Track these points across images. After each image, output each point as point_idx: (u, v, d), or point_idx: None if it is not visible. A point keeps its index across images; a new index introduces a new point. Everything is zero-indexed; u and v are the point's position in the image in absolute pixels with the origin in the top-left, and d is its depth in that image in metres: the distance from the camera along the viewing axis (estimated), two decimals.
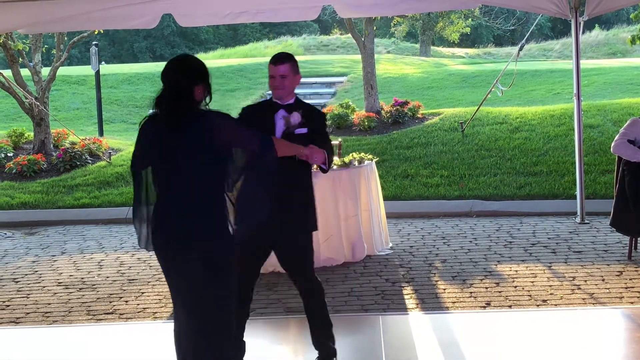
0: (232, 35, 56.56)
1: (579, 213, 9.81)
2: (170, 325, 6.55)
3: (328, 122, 15.40)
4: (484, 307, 6.71)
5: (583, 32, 9.95)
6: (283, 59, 5.24)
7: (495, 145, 13.11)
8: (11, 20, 9.05)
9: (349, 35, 22.60)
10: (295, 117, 5.16)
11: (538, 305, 6.68)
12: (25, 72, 14.84)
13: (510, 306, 6.69)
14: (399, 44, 43.84)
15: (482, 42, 51.68)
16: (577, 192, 9.91)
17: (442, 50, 44.74)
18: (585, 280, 7.28)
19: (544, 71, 25.61)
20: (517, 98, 19.99)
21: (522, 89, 21.62)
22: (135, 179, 4.54)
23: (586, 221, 9.67)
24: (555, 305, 6.67)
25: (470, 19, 39.71)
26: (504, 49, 45.31)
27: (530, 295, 6.92)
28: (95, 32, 15.20)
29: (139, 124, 4.61)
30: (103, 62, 38.50)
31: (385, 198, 9.41)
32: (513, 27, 43.93)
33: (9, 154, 14.22)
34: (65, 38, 15.55)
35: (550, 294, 6.94)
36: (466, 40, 47.67)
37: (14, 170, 13.47)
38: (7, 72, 14.86)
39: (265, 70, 4.91)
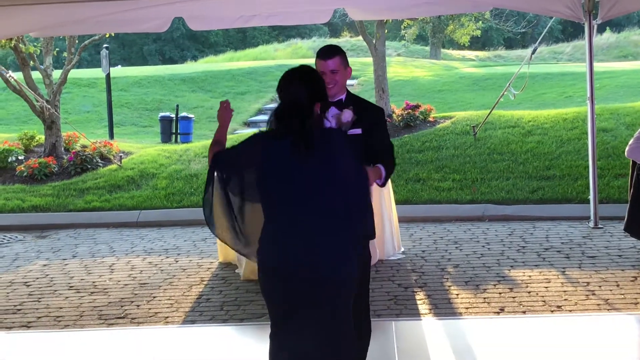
0: (242, 37, 56.63)
1: (592, 217, 9.74)
2: (183, 330, 6.55)
3: None
4: (498, 312, 6.65)
5: (595, 35, 9.89)
6: (333, 52, 4.74)
7: (508, 148, 13.05)
8: (23, 23, 9.04)
9: (359, 37, 22.40)
10: (347, 115, 4.60)
11: (552, 311, 6.61)
12: (36, 75, 14.86)
13: (524, 312, 6.62)
14: (409, 46, 43.79)
15: (492, 44, 51.59)
16: (591, 197, 9.84)
17: (453, 52, 44.71)
18: (600, 286, 7.21)
19: (556, 74, 25.57)
20: (528, 101, 19.94)
21: (533, 92, 21.57)
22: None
23: (600, 226, 9.60)
24: (570, 311, 6.60)
25: (480, 22, 39.63)
26: (514, 52, 45.25)
27: (544, 301, 6.85)
28: (107, 36, 15.19)
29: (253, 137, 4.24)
30: (119, 66, 38.61)
31: (397, 202, 9.35)
32: (524, 30, 43.79)
33: (20, 157, 14.22)
34: (77, 41, 15.56)
35: (565, 299, 6.87)
36: (476, 43, 47.57)
37: (25, 174, 13.48)
38: (19, 75, 14.88)
39: (275, 73, 4.66)
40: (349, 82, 5.11)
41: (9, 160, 14.05)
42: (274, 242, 4.05)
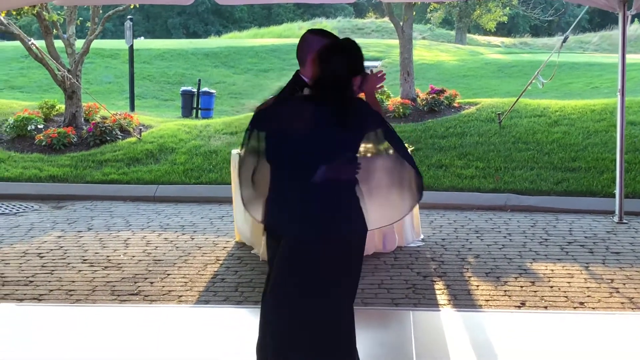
0: (266, 14, 56.47)
1: (617, 212, 9.53)
2: (196, 310, 6.42)
3: None
4: (519, 307, 6.48)
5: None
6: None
7: (533, 138, 12.82)
8: None
9: (384, 19, 22.00)
10: None
11: (575, 308, 6.43)
12: (58, 44, 14.74)
13: (546, 307, 6.45)
14: (434, 30, 43.51)
15: (518, 31, 51.25)
16: (617, 191, 9.63)
17: (478, 38, 44.38)
18: (624, 284, 7.03)
19: (582, 64, 25.27)
20: (554, 90, 19.69)
21: (559, 81, 21.29)
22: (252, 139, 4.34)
23: (624, 221, 9.40)
24: (593, 308, 6.42)
25: (507, 8, 39.28)
26: (540, 40, 44.92)
27: (566, 297, 6.68)
28: (132, 7, 15.04)
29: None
30: (142, 37, 38.47)
31: None
32: (551, 18, 43.36)
33: (39, 126, 14.14)
34: (101, 11, 15.43)
35: (588, 296, 6.70)
36: (502, 29, 47.25)
37: (44, 143, 13.40)
38: (41, 43, 14.75)
39: None
40: (373, 63, 5.06)
41: (28, 128, 13.96)
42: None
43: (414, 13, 16.19)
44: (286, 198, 4.20)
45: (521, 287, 6.96)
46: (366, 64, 4.44)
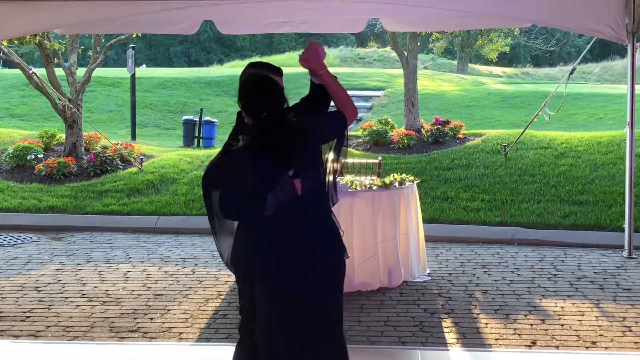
0: (268, 43, 56.53)
1: (626, 247, 9.37)
2: (197, 348, 6.22)
3: (366, 139, 15.07)
4: (530, 346, 6.28)
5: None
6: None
7: (540, 170, 12.67)
8: (49, 19, 8.82)
9: (386, 48, 21.82)
10: None
11: (587, 347, 6.24)
12: (59, 72, 14.63)
13: (557, 347, 6.25)
14: (436, 59, 43.53)
15: (519, 61, 51.27)
16: (626, 225, 9.48)
17: (479, 67, 44.36)
18: (637, 322, 6.83)
19: (586, 95, 25.14)
20: (558, 121, 19.56)
21: (563, 112, 21.08)
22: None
23: (634, 256, 9.23)
24: (606, 348, 6.22)
25: (509, 38, 39.30)
26: (542, 70, 44.87)
27: (578, 336, 6.48)
28: (134, 35, 14.96)
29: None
30: (144, 65, 38.37)
31: (423, 220, 9.00)
32: (552, 48, 43.35)
33: (39, 156, 13.99)
34: (102, 40, 15.33)
35: (600, 335, 6.50)
36: (503, 59, 47.23)
37: (44, 173, 13.25)
38: (42, 72, 14.65)
39: (301, 81, 4.38)
40: (376, 93, 4.92)
41: (28, 158, 13.83)
42: (273, 245, 4.05)
43: (418, 43, 16.07)
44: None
45: (531, 325, 6.77)
46: (369, 93, 4.32)
